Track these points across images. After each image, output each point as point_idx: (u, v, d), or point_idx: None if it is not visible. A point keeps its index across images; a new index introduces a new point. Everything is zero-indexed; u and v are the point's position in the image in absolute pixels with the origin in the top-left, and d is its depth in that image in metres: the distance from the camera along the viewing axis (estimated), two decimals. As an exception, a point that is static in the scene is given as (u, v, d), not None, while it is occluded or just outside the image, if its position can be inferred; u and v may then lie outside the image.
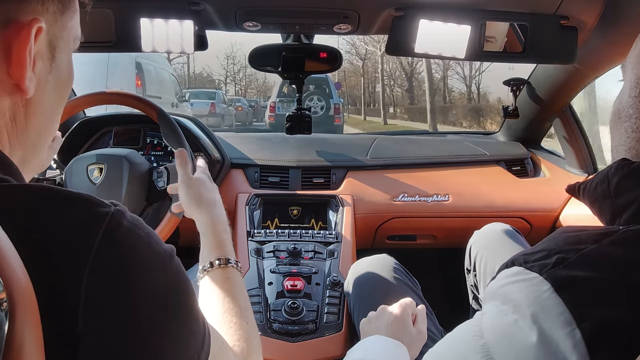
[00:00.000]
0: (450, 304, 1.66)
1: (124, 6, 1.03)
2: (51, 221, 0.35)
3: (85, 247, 0.35)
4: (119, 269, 0.36)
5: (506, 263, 0.47)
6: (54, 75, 0.45)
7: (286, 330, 1.08)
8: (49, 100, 0.45)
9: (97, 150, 1.16)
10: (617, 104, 0.54)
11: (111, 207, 0.38)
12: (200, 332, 0.45)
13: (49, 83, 0.44)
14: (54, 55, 0.44)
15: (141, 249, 0.39)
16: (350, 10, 1.05)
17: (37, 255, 0.33)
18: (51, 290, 0.33)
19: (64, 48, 0.46)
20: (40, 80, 0.43)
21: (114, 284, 0.36)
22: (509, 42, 1.11)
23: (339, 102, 10.90)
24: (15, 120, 0.42)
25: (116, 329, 0.35)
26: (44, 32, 0.41)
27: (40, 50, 0.42)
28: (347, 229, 1.37)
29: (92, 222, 0.36)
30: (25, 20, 0.40)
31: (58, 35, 0.44)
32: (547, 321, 0.39)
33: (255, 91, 39.82)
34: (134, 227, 0.39)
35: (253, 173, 1.53)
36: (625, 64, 0.54)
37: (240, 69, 37.46)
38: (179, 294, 0.42)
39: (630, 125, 0.50)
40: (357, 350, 0.76)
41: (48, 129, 0.47)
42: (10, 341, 0.28)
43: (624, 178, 0.48)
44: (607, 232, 0.43)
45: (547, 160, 1.67)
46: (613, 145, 0.54)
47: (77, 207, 0.37)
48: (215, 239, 0.70)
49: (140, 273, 0.38)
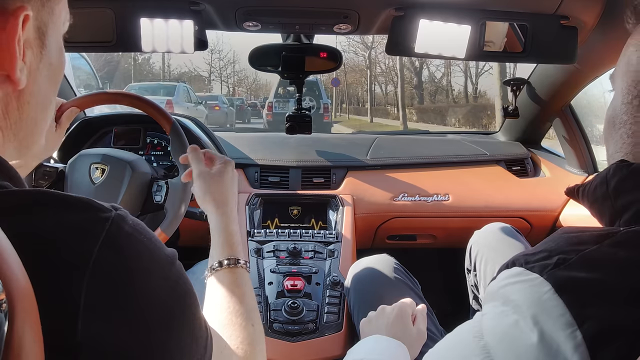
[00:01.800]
0: (450, 304, 1.66)
1: (124, 6, 1.02)
2: (51, 227, 0.35)
3: (86, 252, 0.35)
4: (120, 274, 0.36)
5: (507, 263, 0.47)
6: (45, 63, 0.43)
7: (286, 330, 1.08)
8: (41, 89, 0.44)
9: (104, 150, 1.14)
10: (610, 112, 0.54)
11: (112, 211, 0.38)
12: (202, 337, 0.44)
13: (40, 71, 0.43)
14: (43, 42, 0.43)
15: (142, 254, 0.39)
16: (350, 10, 1.05)
17: (38, 261, 0.33)
18: (51, 296, 0.33)
19: (53, 33, 0.44)
20: (32, 69, 0.42)
21: (114, 290, 0.35)
22: (509, 42, 1.11)
23: (328, 102, 13.05)
24: (7, 111, 0.41)
25: (117, 335, 0.35)
26: (31, 19, 0.40)
27: (28, 38, 0.41)
28: (347, 229, 1.37)
29: (92, 227, 0.36)
30: (11, 8, 0.38)
31: (46, 20, 0.42)
32: (548, 322, 0.39)
33: (245, 89, 37.63)
34: (135, 232, 0.39)
35: (253, 173, 1.53)
36: (614, 75, 0.54)
37: (227, 65, 33.19)
38: (181, 300, 0.41)
39: (626, 131, 0.50)
40: (357, 350, 0.76)
41: (43, 116, 0.46)
42: (9, 342, 0.28)
43: (622, 179, 0.48)
44: (608, 233, 0.43)
45: (547, 160, 1.67)
46: (609, 154, 0.54)
47: (78, 211, 0.37)
48: (228, 238, 0.69)
49: (142, 279, 0.38)
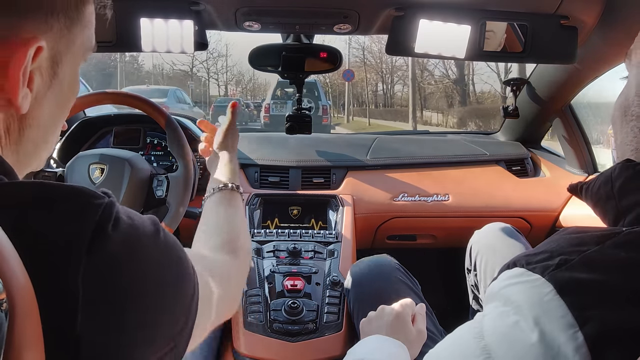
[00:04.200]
0: (450, 304, 1.66)
1: (124, 6, 1.03)
2: (46, 217, 0.35)
3: (80, 239, 0.35)
4: (115, 259, 0.36)
5: (508, 264, 0.47)
6: (54, 91, 0.43)
7: (286, 330, 1.08)
8: (45, 114, 0.43)
9: (102, 150, 1.15)
10: (622, 99, 0.53)
11: (104, 197, 0.38)
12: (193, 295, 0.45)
13: (48, 98, 0.43)
14: (55, 71, 0.42)
15: (136, 239, 0.39)
16: (350, 10, 1.05)
17: (34, 252, 0.33)
18: (49, 286, 0.33)
19: (68, 63, 0.44)
20: (38, 96, 0.41)
21: (110, 274, 0.36)
22: (509, 42, 1.11)
23: (327, 104, 12.55)
24: (8, 132, 0.41)
25: (116, 323, 0.36)
26: (45, 49, 0.40)
27: (40, 66, 0.40)
28: (347, 229, 1.37)
29: (85, 214, 0.36)
30: (24, 38, 0.38)
31: (63, 51, 0.42)
32: (549, 323, 0.39)
33: (241, 89, 35.93)
34: (127, 217, 0.39)
35: (253, 173, 1.53)
36: (630, 55, 0.53)
37: (218, 59, 30.95)
38: (177, 279, 0.43)
39: (637, 124, 0.50)
40: (357, 350, 0.76)
41: (46, 139, 0.45)
42: (10, 341, 0.28)
43: (628, 180, 0.48)
44: (610, 234, 0.43)
45: (547, 160, 1.67)
46: (618, 142, 0.54)
47: (71, 200, 0.37)
48: (232, 171, 0.84)
49: (136, 262, 0.38)
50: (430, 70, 20.48)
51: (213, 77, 31.77)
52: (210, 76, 31.33)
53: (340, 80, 25.71)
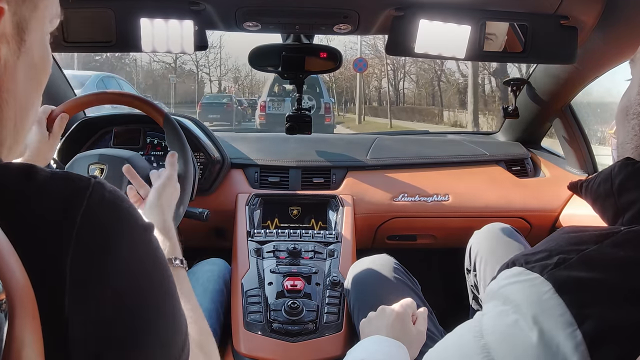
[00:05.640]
0: (450, 304, 1.66)
1: (124, 6, 1.03)
2: (33, 198, 0.35)
3: (69, 221, 0.35)
4: (103, 241, 0.36)
5: (507, 263, 0.47)
6: (24, 61, 0.41)
7: (286, 330, 1.08)
8: (21, 90, 0.42)
9: (100, 150, 1.15)
10: (625, 100, 0.53)
11: (91, 179, 0.38)
12: (180, 307, 0.45)
13: (19, 70, 0.41)
14: (22, 37, 0.40)
15: (124, 220, 0.39)
16: (350, 10, 1.05)
17: (22, 234, 0.33)
18: (39, 268, 0.33)
19: (35, 30, 0.42)
20: (7, 65, 0.40)
21: (98, 256, 0.36)
22: (509, 42, 1.11)
23: (330, 102, 11.10)
24: None
25: (103, 306, 0.35)
26: (8, 13, 0.38)
27: (5, 32, 0.38)
28: (347, 229, 1.37)
29: (73, 196, 0.36)
30: None
31: (27, 16, 0.40)
32: (548, 322, 0.39)
33: (235, 84, 32.43)
34: (116, 199, 0.39)
35: (253, 173, 1.53)
36: (634, 59, 0.53)
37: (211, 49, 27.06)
38: (163, 267, 0.42)
39: (638, 123, 0.50)
40: (357, 351, 0.76)
41: (23, 118, 0.44)
42: (10, 342, 0.28)
43: (627, 177, 0.48)
44: (609, 233, 0.43)
45: (547, 160, 1.67)
46: (619, 142, 0.54)
47: (58, 182, 0.37)
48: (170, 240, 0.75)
49: (125, 245, 0.38)
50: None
51: (204, 72, 28.93)
52: (200, 70, 28.35)
53: (345, 74, 22.46)
